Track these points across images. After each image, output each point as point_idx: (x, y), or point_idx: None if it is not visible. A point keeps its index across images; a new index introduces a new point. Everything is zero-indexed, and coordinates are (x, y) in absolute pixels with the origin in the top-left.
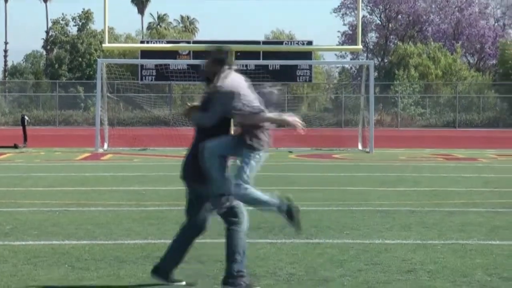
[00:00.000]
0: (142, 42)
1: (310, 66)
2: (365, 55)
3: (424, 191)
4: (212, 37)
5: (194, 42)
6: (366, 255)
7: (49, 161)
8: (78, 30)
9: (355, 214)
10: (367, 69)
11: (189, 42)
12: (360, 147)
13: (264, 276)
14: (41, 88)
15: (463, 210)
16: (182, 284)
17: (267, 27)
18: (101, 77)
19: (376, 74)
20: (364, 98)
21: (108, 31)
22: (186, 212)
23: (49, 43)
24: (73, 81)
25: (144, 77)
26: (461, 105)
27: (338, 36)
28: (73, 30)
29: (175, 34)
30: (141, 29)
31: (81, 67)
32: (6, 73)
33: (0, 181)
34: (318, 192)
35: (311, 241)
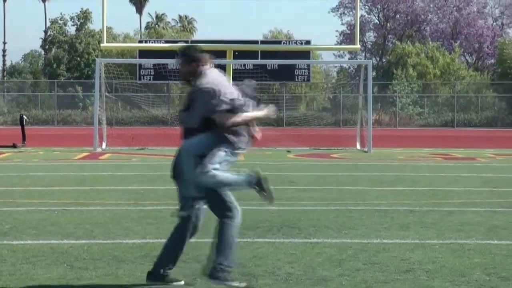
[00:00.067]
0: (140, 41)
1: (308, 65)
2: (363, 54)
3: (423, 191)
4: (210, 36)
5: (193, 41)
6: (365, 254)
7: (48, 161)
8: (76, 30)
9: (353, 213)
10: (365, 68)
11: (187, 42)
12: (358, 146)
13: (263, 276)
14: (40, 88)
15: (462, 209)
16: (180, 283)
17: (265, 26)
18: (100, 76)
19: (374, 73)
20: (362, 97)
21: (106, 30)
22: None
23: (47, 43)
24: (72, 80)
25: (142, 77)
26: (460, 104)
27: (336, 36)
28: (71, 29)
29: (173, 34)
30: (139, 28)
31: (80, 66)
32: (5, 73)
33: None
34: (317, 192)
35: (309, 240)
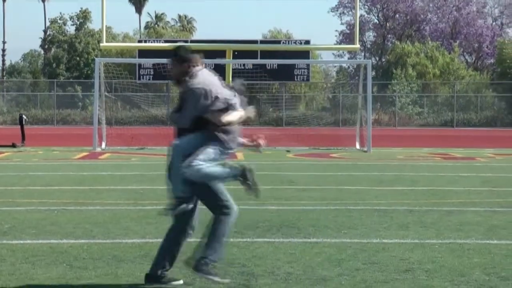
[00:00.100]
0: (140, 41)
1: (308, 65)
2: (363, 54)
3: (422, 191)
4: (209, 36)
5: (192, 41)
6: (364, 254)
7: (47, 160)
8: (76, 29)
9: (352, 213)
10: (365, 68)
11: (186, 41)
12: (357, 146)
13: (262, 275)
14: (39, 87)
15: (461, 209)
16: (179, 283)
17: (264, 26)
18: (99, 76)
19: (373, 73)
20: (362, 97)
21: (105, 30)
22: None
23: (47, 42)
24: (71, 80)
25: (141, 76)
26: (459, 104)
27: (336, 35)
28: (71, 29)
29: (172, 33)
30: (138, 28)
31: (79, 66)
32: (4, 72)
33: None
34: (316, 191)
35: (308, 240)
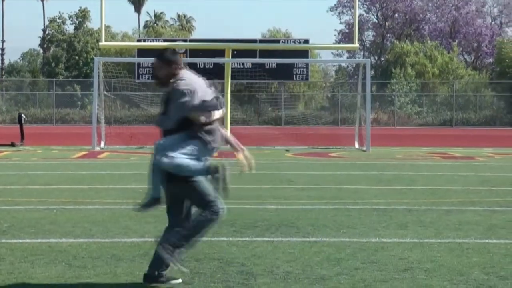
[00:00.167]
0: (139, 40)
1: (307, 64)
2: (362, 53)
3: (421, 190)
4: (208, 35)
5: (191, 40)
6: (363, 253)
7: (46, 159)
8: (75, 29)
9: (351, 212)
10: (364, 67)
11: (185, 41)
12: (356, 145)
13: (261, 275)
14: (38, 86)
15: (460, 208)
16: (178, 282)
17: (264, 25)
18: (98, 75)
19: (372, 72)
20: (361, 96)
21: (105, 29)
22: (167, 212)
23: (46, 42)
24: (70, 79)
25: (140, 76)
26: (458, 103)
27: (335, 35)
28: (70, 28)
29: (171, 33)
30: (137, 27)
31: (78, 65)
32: (3, 71)
33: None
34: (315, 191)
35: (307, 239)
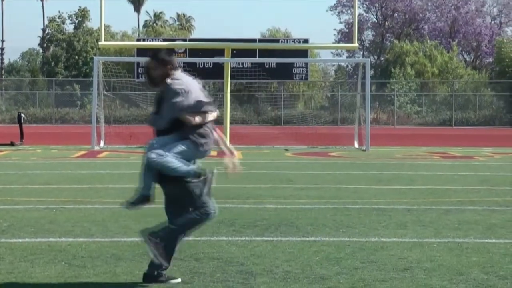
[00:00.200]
0: (138, 40)
1: (306, 64)
2: (361, 53)
3: (420, 189)
4: (208, 35)
5: (190, 40)
6: (362, 253)
7: (46, 159)
8: (74, 28)
9: (351, 212)
10: (363, 67)
11: (185, 40)
12: (356, 145)
13: (261, 274)
14: (38, 86)
15: (460, 208)
16: (177, 281)
17: (263, 25)
18: (98, 74)
19: (372, 72)
20: (360, 96)
21: (104, 29)
22: (165, 211)
23: (45, 41)
24: (70, 79)
25: (140, 75)
26: (458, 103)
27: (334, 34)
28: (69, 28)
29: (171, 32)
30: (137, 27)
31: (78, 65)
32: (3, 71)
33: None
34: (314, 190)
35: (307, 239)
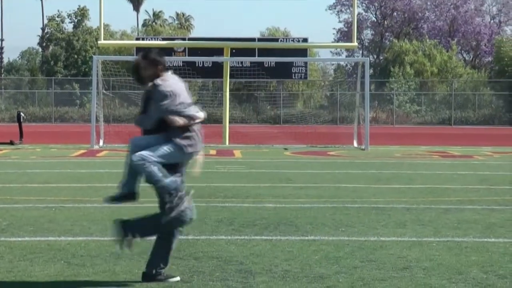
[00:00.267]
0: (138, 39)
1: (306, 63)
2: (361, 52)
3: (420, 189)
4: (207, 34)
5: (190, 39)
6: (362, 252)
7: (45, 158)
8: (73, 27)
9: (350, 211)
10: (363, 66)
11: (184, 39)
12: (355, 144)
13: (260, 273)
14: (37, 85)
15: (459, 207)
16: (176, 279)
17: (262, 24)
18: (97, 74)
19: (371, 71)
20: (360, 95)
21: (103, 28)
22: (159, 207)
23: (44, 40)
24: (69, 78)
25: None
26: (457, 102)
27: (334, 33)
28: (68, 27)
29: (170, 31)
30: (136, 26)
31: (77, 64)
32: (2, 70)
33: None
34: (313, 189)
35: (306, 238)
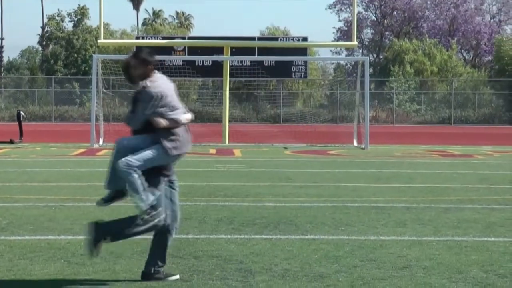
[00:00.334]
0: (138, 38)
1: (305, 62)
2: (361, 51)
3: (419, 188)
4: (207, 33)
5: (190, 38)
6: (361, 251)
7: (45, 157)
8: (73, 26)
9: (350, 210)
10: (362, 65)
11: (184, 38)
12: (355, 143)
13: (260, 272)
14: (37, 84)
15: (459, 206)
16: (176, 277)
17: (262, 23)
18: (97, 72)
19: (371, 70)
20: (359, 94)
21: (103, 27)
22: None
23: (44, 39)
24: (69, 76)
25: None
26: (457, 101)
27: (334, 32)
28: (68, 26)
29: (170, 30)
30: (136, 25)
31: (77, 62)
32: (2, 69)
33: None
34: (313, 188)
35: (306, 237)
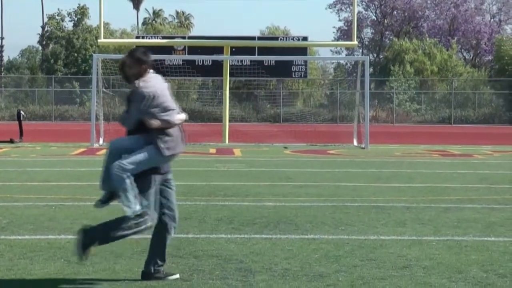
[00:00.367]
0: (138, 37)
1: (305, 62)
2: (361, 51)
3: (419, 187)
4: (207, 32)
5: (190, 37)
6: (361, 251)
7: (45, 156)
8: (73, 26)
9: (350, 210)
10: (363, 65)
11: (184, 38)
12: (355, 143)
13: (260, 272)
14: (37, 83)
15: (459, 206)
16: (176, 277)
17: (262, 23)
18: (97, 72)
19: (371, 70)
20: (360, 94)
21: (103, 26)
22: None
23: (45, 39)
24: (69, 76)
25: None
26: (457, 101)
27: (334, 32)
28: (68, 25)
29: (170, 30)
30: (136, 24)
31: (77, 62)
32: (2, 68)
33: None
34: (313, 188)
35: (306, 236)
